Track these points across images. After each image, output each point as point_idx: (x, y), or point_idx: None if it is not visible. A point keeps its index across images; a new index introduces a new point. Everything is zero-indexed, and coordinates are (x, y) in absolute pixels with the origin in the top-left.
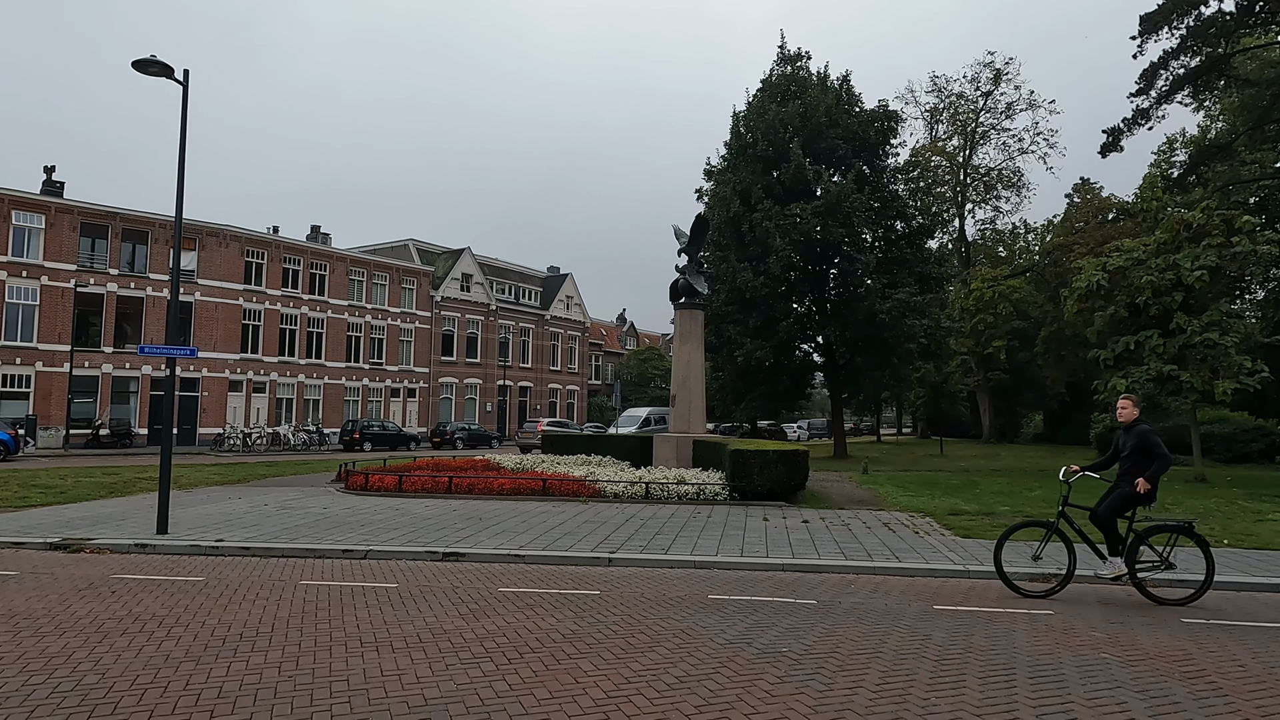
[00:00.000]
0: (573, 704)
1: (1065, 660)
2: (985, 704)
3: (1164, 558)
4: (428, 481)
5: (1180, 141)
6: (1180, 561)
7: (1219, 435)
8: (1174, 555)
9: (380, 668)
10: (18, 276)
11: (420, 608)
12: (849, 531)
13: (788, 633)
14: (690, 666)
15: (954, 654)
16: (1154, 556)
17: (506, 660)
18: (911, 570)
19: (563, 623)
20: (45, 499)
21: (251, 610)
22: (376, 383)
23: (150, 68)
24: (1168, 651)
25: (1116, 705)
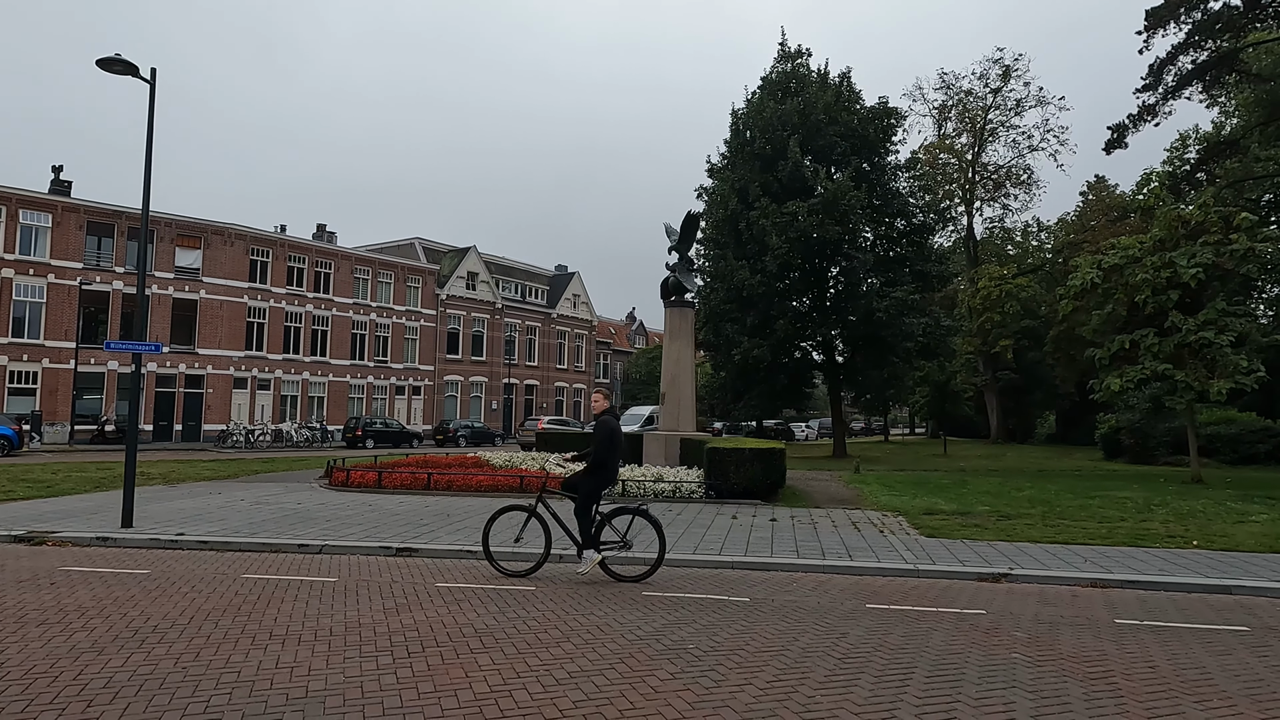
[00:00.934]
0: (453, 698)
1: (973, 660)
2: (869, 702)
3: (624, 538)
4: (407, 478)
5: (1194, 138)
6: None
7: (1225, 436)
8: (631, 534)
9: (278, 660)
10: (25, 274)
11: (348, 602)
12: (813, 530)
13: (702, 630)
14: (587, 662)
15: (861, 652)
16: (615, 536)
17: (407, 654)
18: (860, 569)
19: (482, 618)
20: (30, 492)
21: (179, 603)
22: (381, 380)
23: (114, 66)
24: (1084, 653)
25: (1003, 705)
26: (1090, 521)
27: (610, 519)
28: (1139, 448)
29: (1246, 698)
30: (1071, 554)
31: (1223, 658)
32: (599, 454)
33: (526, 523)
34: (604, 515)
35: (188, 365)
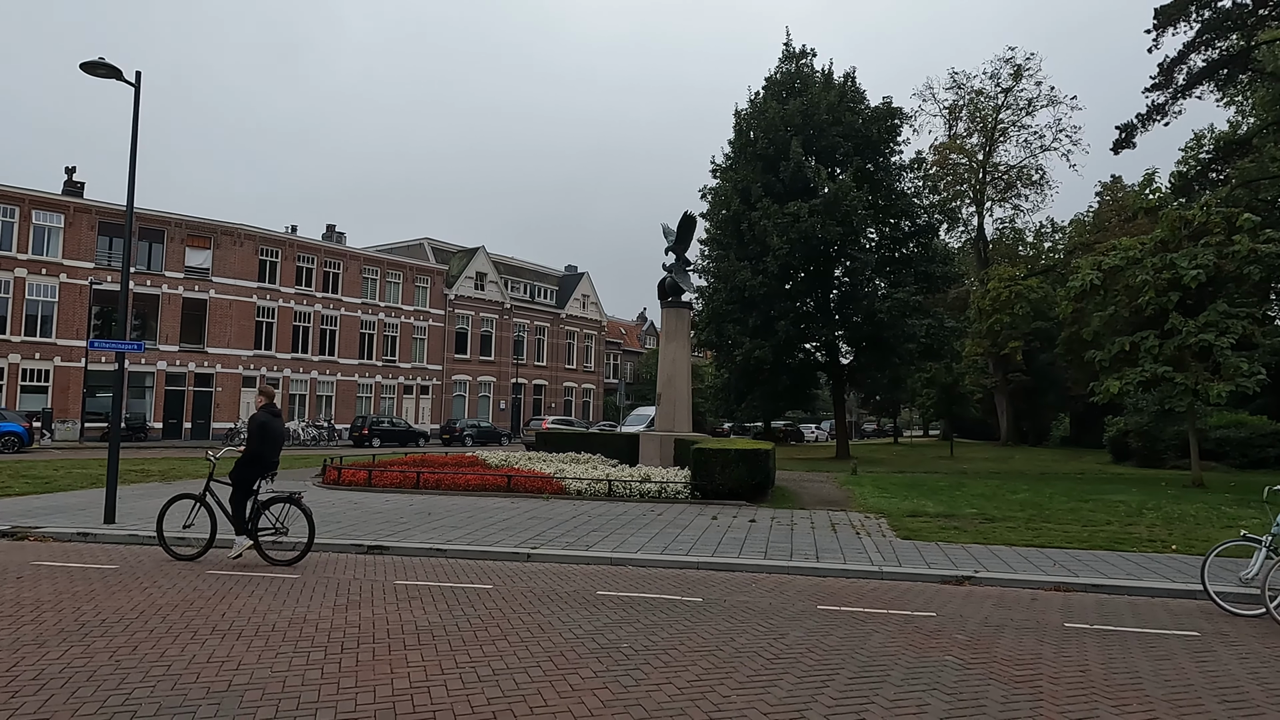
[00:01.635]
0: (369, 693)
1: (903, 661)
2: (782, 702)
3: (279, 524)
4: (397, 477)
5: (1209, 137)
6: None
7: (1234, 439)
8: (288, 520)
9: (211, 654)
10: (38, 274)
11: (301, 598)
12: (790, 531)
13: (642, 630)
14: (516, 660)
15: (793, 653)
16: (271, 523)
17: (340, 650)
18: (824, 570)
19: (428, 615)
20: (27, 488)
21: (135, 598)
22: (389, 379)
23: (99, 69)
24: (1019, 656)
25: (917, 707)
26: (1075, 525)
27: (267, 506)
28: (1147, 451)
29: (1167, 703)
30: (1044, 558)
31: (1160, 663)
32: (251, 446)
33: (195, 510)
34: (262, 503)
35: (197, 364)
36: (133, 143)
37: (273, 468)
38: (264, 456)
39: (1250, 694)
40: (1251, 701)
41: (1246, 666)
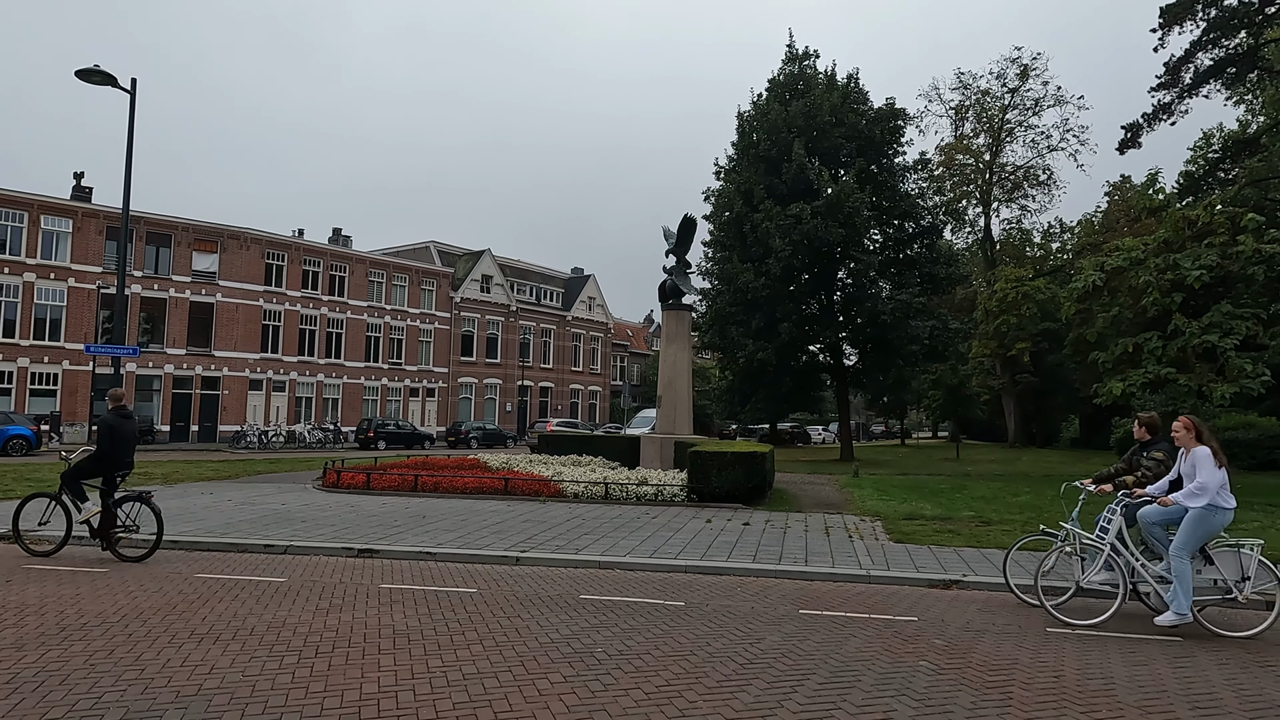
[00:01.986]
0: (336, 697)
1: (877, 666)
2: (749, 707)
3: (130, 522)
4: (395, 480)
5: (1218, 136)
6: None
7: (1243, 441)
8: (140, 519)
9: (185, 659)
10: (46, 278)
11: (284, 602)
12: (782, 534)
13: (619, 634)
14: (488, 664)
15: (768, 658)
16: (122, 520)
17: (315, 654)
18: (811, 574)
19: (408, 619)
20: (29, 491)
21: (118, 602)
22: (395, 382)
23: (93, 76)
24: (994, 661)
25: (883, 712)
26: None
27: (119, 505)
28: None
29: (1138, 709)
30: (1036, 562)
31: (1138, 668)
32: (101, 446)
33: (50, 508)
34: (115, 501)
35: (204, 367)
36: (128, 148)
37: (125, 467)
38: (114, 455)
39: (1223, 700)
40: (1223, 707)
41: (1224, 672)
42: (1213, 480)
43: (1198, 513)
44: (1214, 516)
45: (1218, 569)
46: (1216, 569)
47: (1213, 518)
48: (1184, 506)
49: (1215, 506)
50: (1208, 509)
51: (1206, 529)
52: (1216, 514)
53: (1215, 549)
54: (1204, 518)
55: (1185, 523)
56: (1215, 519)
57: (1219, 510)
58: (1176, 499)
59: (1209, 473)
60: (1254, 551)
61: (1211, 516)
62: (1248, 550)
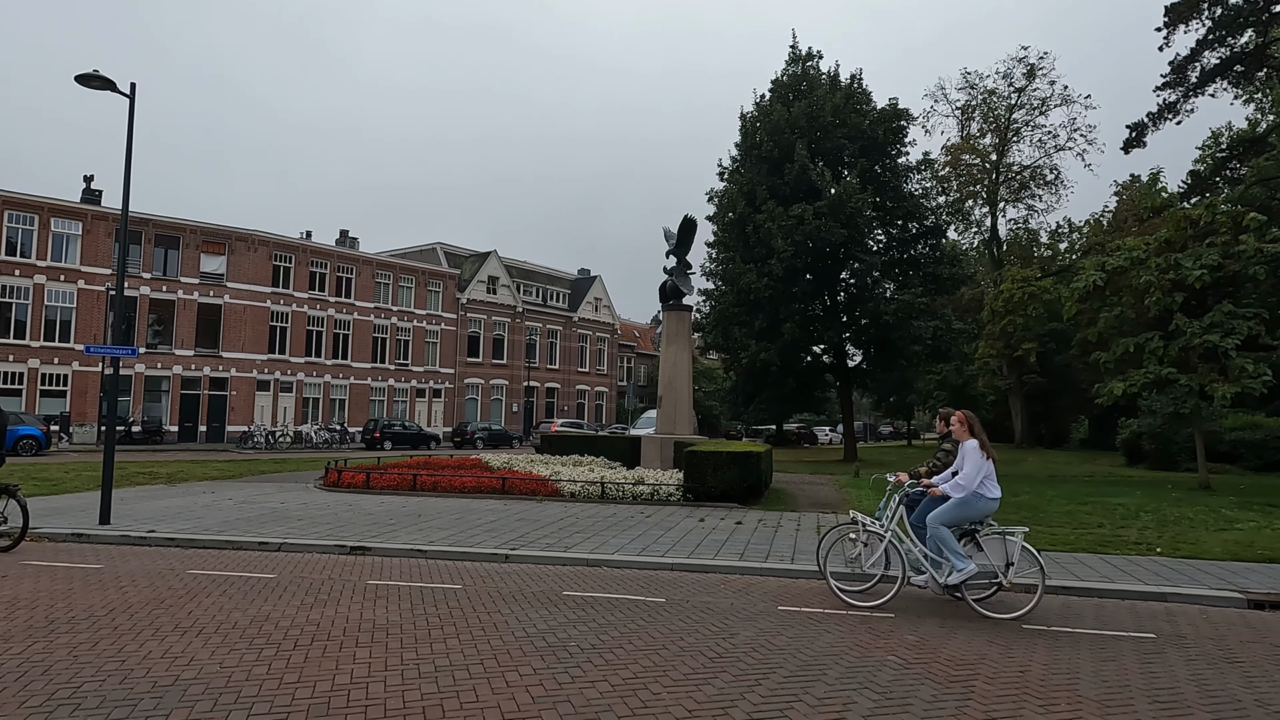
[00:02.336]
0: (309, 688)
1: (845, 661)
2: (711, 699)
3: None
4: (394, 479)
5: (1226, 135)
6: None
7: (1249, 441)
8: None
9: (167, 651)
10: (57, 280)
11: (270, 598)
12: (773, 534)
13: (594, 629)
14: (461, 657)
15: (738, 652)
16: None
17: (294, 646)
18: (795, 572)
19: (389, 614)
20: (34, 490)
21: (109, 596)
22: (402, 383)
23: (93, 81)
24: (963, 656)
25: (842, 705)
26: (1066, 528)
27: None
28: (1160, 453)
29: (1096, 703)
30: None
31: (1105, 664)
32: None
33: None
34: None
35: (212, 368)
36: (127, 153)
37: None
38: None
39: (1185, 695)
40: (1184, 702)
41: (1191, 669)
42: (977, 471)
43: (962, 498)
44: (977, 503)
45: (986, 556)
46: (985, 556)
47: (975, 503)
48: (949, 495)
49: (979, 495)
50: (972, 495)
51: (967, 512)
52: (980, 501)
53: (985, 537)
54: (967, 501)
55: (950, 502)
56: (978, 505)
57: (982, 498)
58: (945, 488)
59: (974, 464)
60: (1017, 538)
61: (975, 502)
62: (1013, 538)
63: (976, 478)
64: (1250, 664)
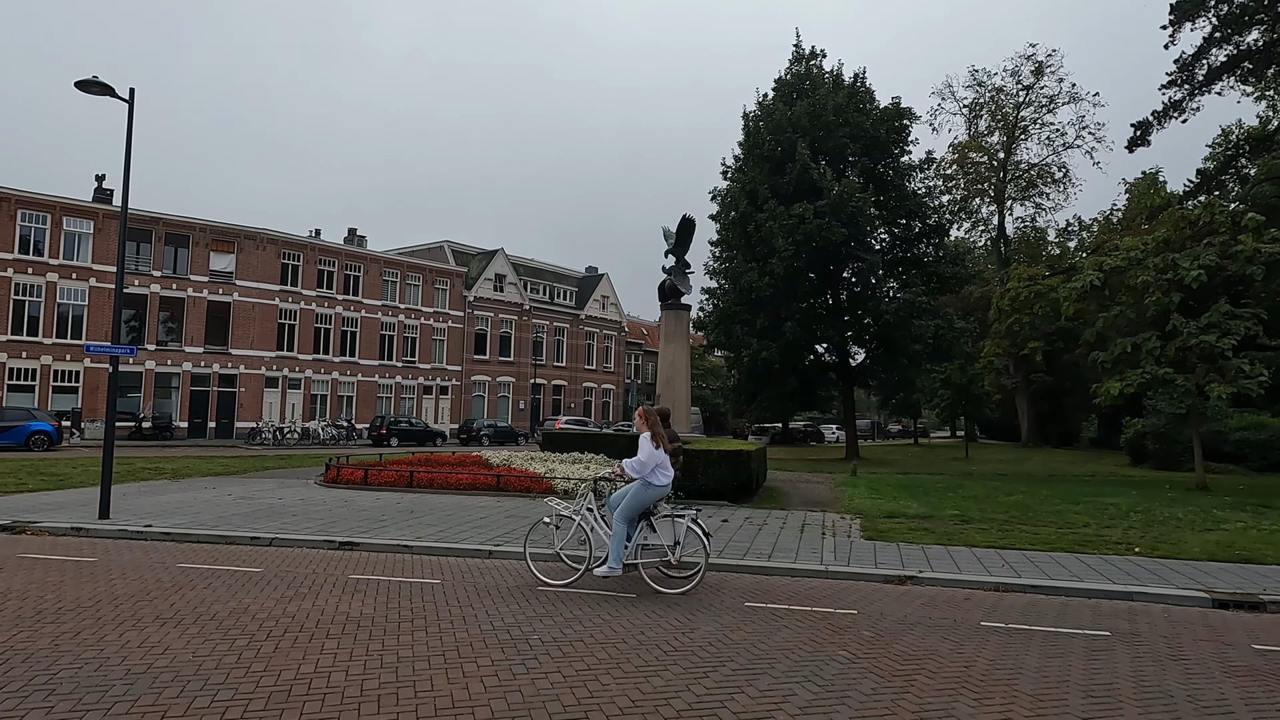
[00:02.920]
0: (273, 676)
1: (795, 655)
2: (656, 691)
3: None
4: (392, 476)
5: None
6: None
7: (1254, 442)
8: None
9: (144, 641)
10: (69, 278)
11: (253, 590)
12: (756, 531)
13: (560, 623)
14: (425, 648)
15: (692, 647)
16: None
17: (267, 637)
18: (771, 569)
19: (364, 607)
20: (40, 485)
21: (96, 589)
22: (409, 380)
23: (92, 87)
24: (913, 652)
25: (782, 696)
26: (1050, 527)
27: None
28: (1164, 453)
29: (1031, 698)
30: (998, 559)
31: (1050, 661)
32: None
33: None
34: None
35: (221, 365)
36: (126, 156)
37: None
38: None
39: (1120, 691)
40: (1117, 698)
41: (1134, 666)
42: (648, 458)
43: (636, 485)
44: (646, 490)
45: (659, 536)
46: (658, 535)
47: (645, 491)
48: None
49: (649, 483)
50: (643, 484)
51: (641, 499)
52: (649, 489)
53: (659, 519)
54: (640, 490)
55: (629, 494)
56: (648, 492)
57: (651, 486)
58: (628, 471)
59: (646, 453)
60: (684, 520)
61: (645, 490)
62: (680, 520)
63: (649, 464)
64: (1195, 661)
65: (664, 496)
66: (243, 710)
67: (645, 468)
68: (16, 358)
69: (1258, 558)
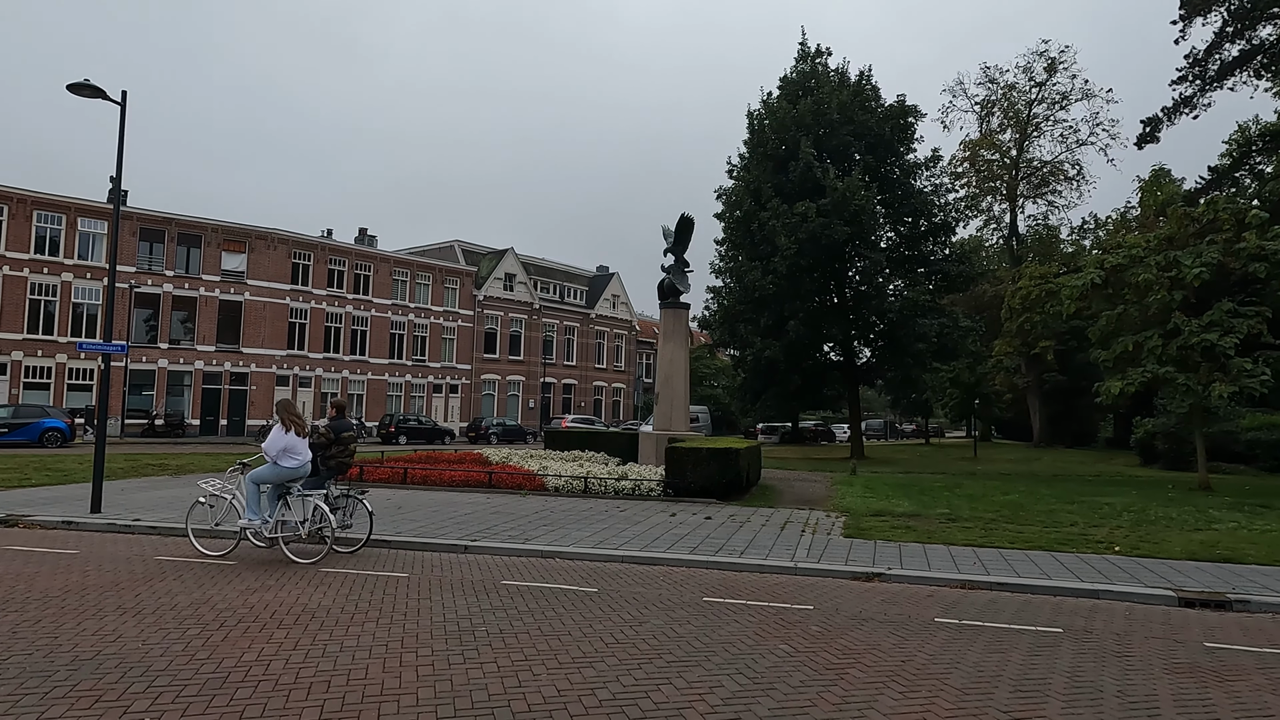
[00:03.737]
0: (215, 663)
1: (735, 648)
2: (588, 681)
3: None
4: (387, 473)
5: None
6: None
7: (1265, 442)
8: None
9: (101, 630)
10: (83, 278)
11: (220, 583)
12: (737, 529)
13: (511, 615)
14: (371, 639)
15: (634, 638)
16: None
17: (220, 627)
18: (742, 565)
19: (324, 599)
20: (44, 479)
21: (69, 579)
22: (419, 379)
23: (84, 90)
24: (856, 647)
25: (708, 688)
26: (1036, 526)
27: None
28: (1174, 453)
29: (957, 690)
30: (970, 557)
31: (990, 655)
32: None
33: None
34: None
35: (232, 363)
36: (119, 157)
37: None
38: None
39: (1051, 685)
40: (1045, 692)
41: (1074, 662)
42: (272, 444)
43: (268, 463)
44: (274, 469)
45: (293, 512)
46: (293, 512)
47: (273, 469)
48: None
49: (276, 463)
50: (272, 463)
51: (268, 474)
52: (276, 468)
53: (294, 498)
54: (270, 467)
55: (264, 466)
56: (275, 471)
57: (278, 466)
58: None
59: (271, 438)
60: (313, 498)
61: (273, 469)
62: (309, 498)
63: (272, 448)
64: (1138, 658)
65: (298, 477)
66: (175, 696)
67: (270, 449)
68: (33, 356)
69: (1238, 557)
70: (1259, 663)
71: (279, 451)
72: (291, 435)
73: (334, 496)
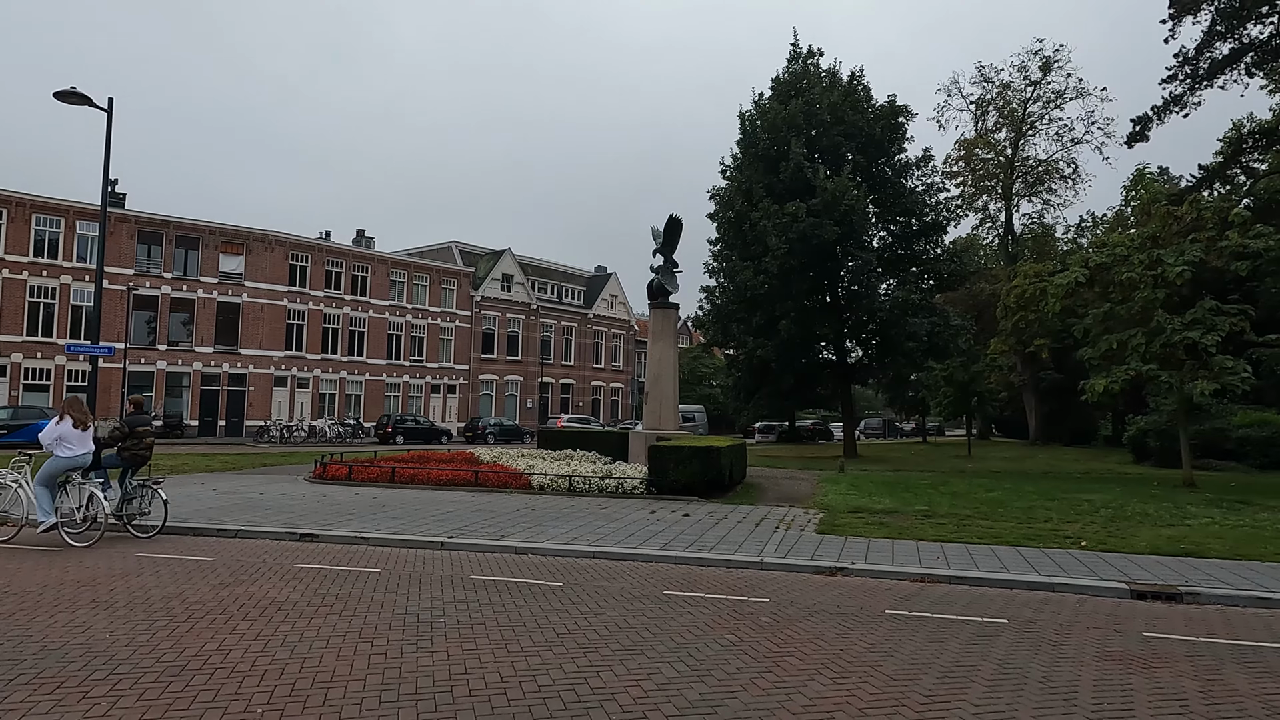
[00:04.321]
0: (177, 653)
1: (682, 639)
2: (532, 669)
3: None
4: (376, 472)
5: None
6: None
7: (1256, 439)
8: None
9: (71, 622)
10: (81, 280)
11: (196, 578)
12: (712, 525)
13: (472, 608)
14: (331, 630)
15: (586, 629)
16: None
17: (186, 620)
18: (710, 560)
19: (293, 593)
20: None
21: (49, 574)
22: (416, 379)
23: (70, 97)
24: (801, 637)
25: (647, 674)
26: (1011, 523)
27: None
28: (1165, 450)
29: (887, 676)
30: (938, 551)
31: (928, 645)
32: None
33: None
34: None
35: (231, 365)
36: (105, 163)
37: None
38: None
39: (980, 671)
40: (970, 678)
41: (1010, 651)
42: (46, 434)
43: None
44: (54, 461)
45: (70, 499)
46: (69, 499)
47: (54, 461)
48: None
49: (55, 454)
50: (52, 455)
51: (52, 468)
52: (56, 460)
53: (72, 486)
54: (52, 460)
55: (47, 461)
56: (56, 462)
57: (57, 457)
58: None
59: (45, 429)
60: (87, 486)
61: (54, 461)
62: (85, 485)
63: (47, 439)
64: (1072, 647)
65: (77, 467)
66: (133, 682)
67: (45, 439)
68: (32, 358)
69: (1201, 551)
70: (1189, 651)
71: (53, 441)
72: (65, 426)
73: (132, 487)
